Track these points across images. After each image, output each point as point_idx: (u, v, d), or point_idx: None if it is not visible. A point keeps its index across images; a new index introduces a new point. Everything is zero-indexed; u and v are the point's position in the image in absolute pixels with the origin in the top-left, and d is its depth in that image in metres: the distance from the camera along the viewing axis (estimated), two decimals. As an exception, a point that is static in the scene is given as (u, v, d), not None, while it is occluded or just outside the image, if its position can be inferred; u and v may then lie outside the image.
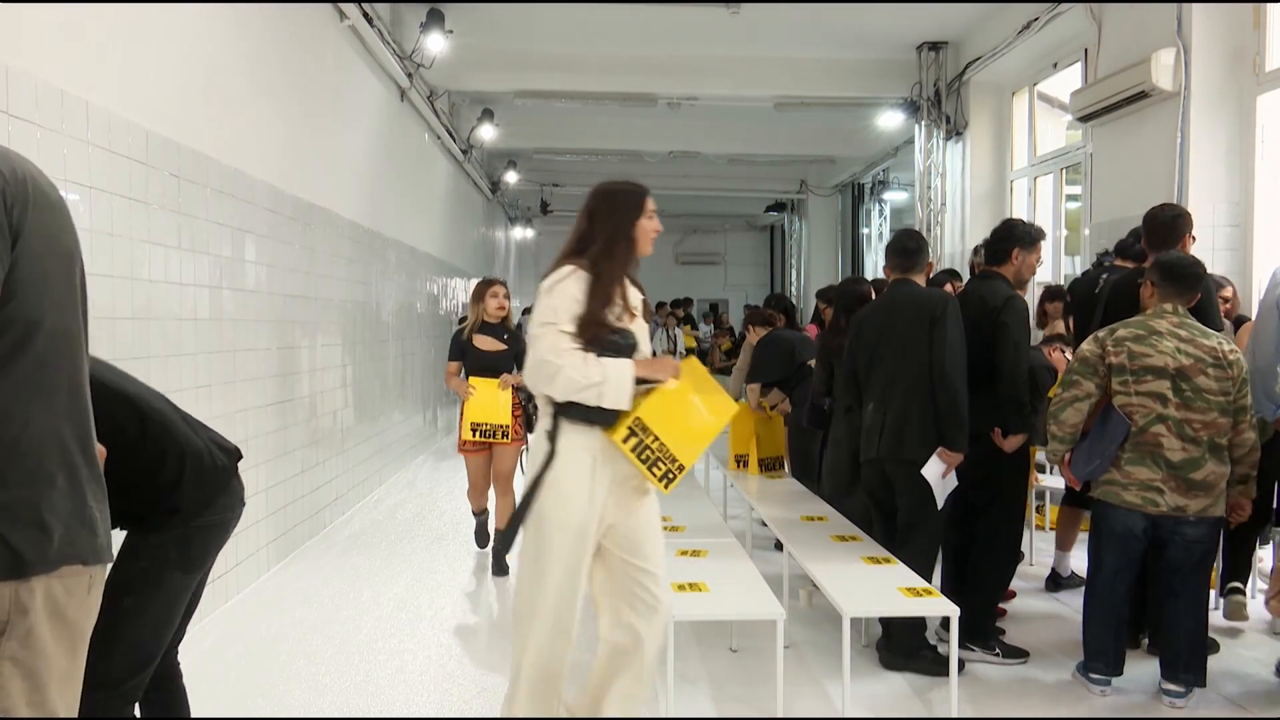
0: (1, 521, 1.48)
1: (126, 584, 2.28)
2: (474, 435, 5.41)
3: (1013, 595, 4.82)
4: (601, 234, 2.83)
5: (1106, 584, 3.69)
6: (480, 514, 5.84)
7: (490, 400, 5.38)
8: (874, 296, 5.10)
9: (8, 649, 1.48)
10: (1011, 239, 4.18)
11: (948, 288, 5.83)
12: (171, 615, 2.42)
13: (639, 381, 2.72)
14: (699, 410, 2.82)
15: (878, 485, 4.19)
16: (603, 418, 2.70)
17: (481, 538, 5.88)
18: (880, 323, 4.16)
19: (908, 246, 4.21)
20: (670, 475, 2.77)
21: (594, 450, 2.74)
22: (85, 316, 1.64)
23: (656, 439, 2.73)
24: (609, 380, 2.64)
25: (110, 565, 1.61)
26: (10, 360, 1.49)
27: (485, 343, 5.44)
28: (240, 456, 2.55)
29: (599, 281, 2.74)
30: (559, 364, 2.62)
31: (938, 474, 3.95)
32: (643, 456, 2.74)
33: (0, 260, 1.45)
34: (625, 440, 2.72)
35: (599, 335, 2.69)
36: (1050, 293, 6.08)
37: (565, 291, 2.71)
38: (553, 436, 2.73)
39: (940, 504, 4.01)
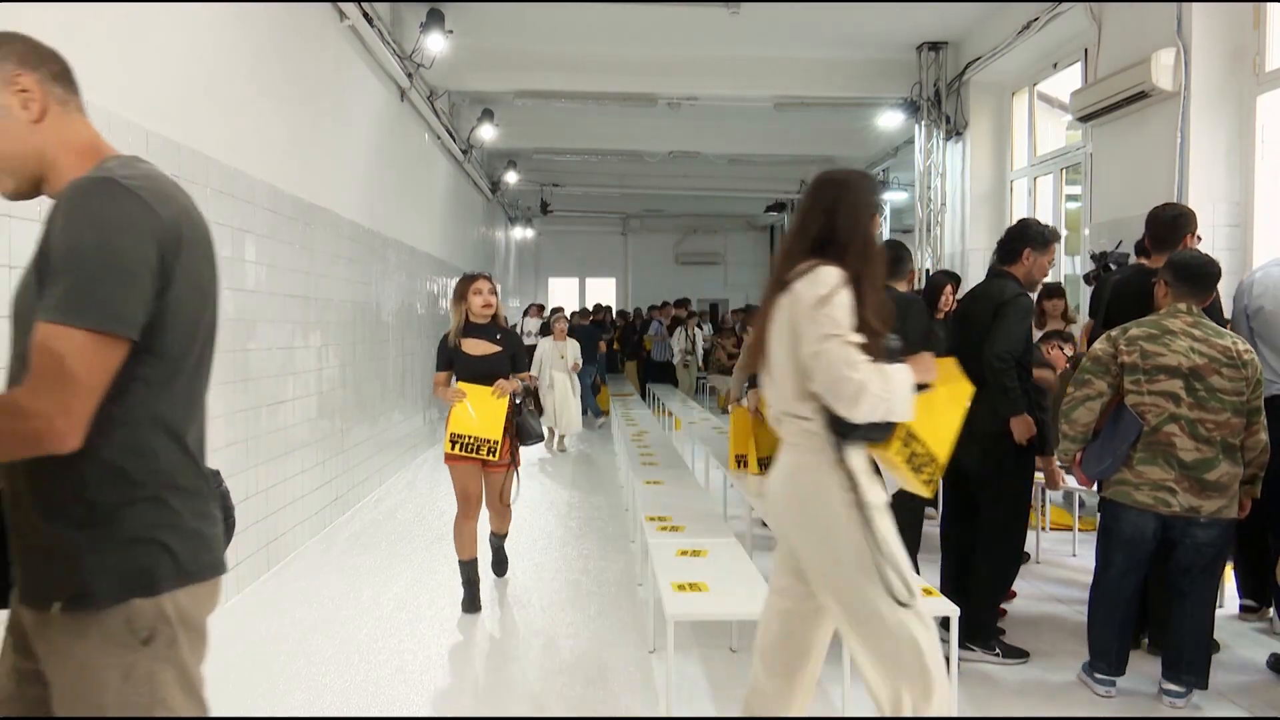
0: (169, 535, 1.59)
1: None
2: (453, 448, 4.71)
3: (1013, 595, 4.82)
4: (848, 233, 2.52)
5: (1114, 584, 3.68)
6: (468, 563, 4.78)
7: (481, 410, 4.72)
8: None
9: (159, 650, 1.58)
10: (1024, 239, 4.16)
11: (946, 290, 5.87)
12: None
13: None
14: (944, 400, 2.66)
15: None
16: (880, 433, 2.45)
17: (471, 598, 4.75)
18: None
19: (897, 256, 4.44)
20: (932, 477, 2.61)
21: (870, 469, 2.55)
22: (212, 345, 1.75)
23: (921, 442, 2.57)
24: (898, 392, 2.38)
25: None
26: (164, 386, 1.59)
27: (474, 346, 4.78)
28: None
29: (866, 285, 2.46)
30: (860, 380, 2.31)
31: None
32: (914, 464, 2.57)
33: (144, 303, 1.52)
34: (899, 451, 2.54)
35: (876, 344, 2.43)
36: (1049, 290, 6.07)
37: (842, 301, 2.38)
38: (843, 461, 2.43)
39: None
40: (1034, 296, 4.47)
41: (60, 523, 1.53)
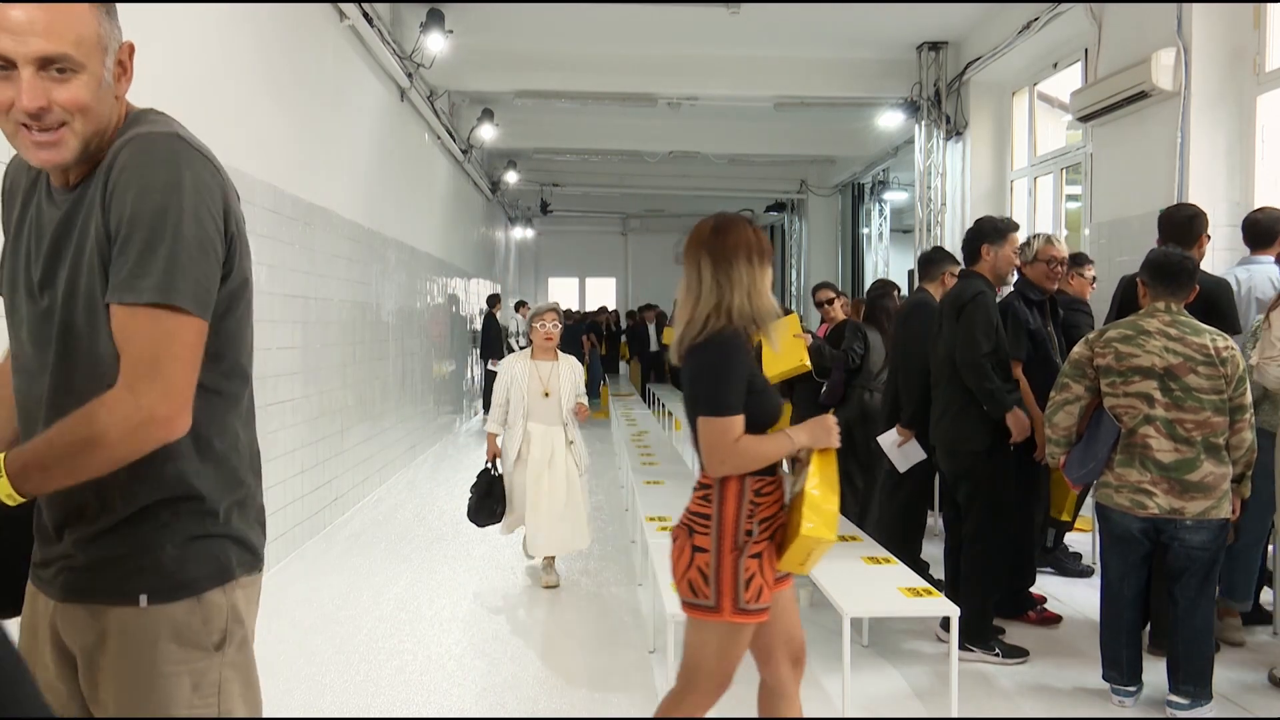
0: (239, 523, 1.56)
1: None
2: None
3: (1042, 600, 4.72)
4: None
5: (1114, 589, 3.65)
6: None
7: None
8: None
9: (229, 656, 1.54)
10: (979, 236, 4.25)
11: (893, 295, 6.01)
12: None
13: None
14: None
15: None
16: None
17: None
18: None
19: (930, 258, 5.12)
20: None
21: None
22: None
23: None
24: None
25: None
26: (226, 378, 1.56)
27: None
28: None
29: None
30: None
31: (892, 443, 4.78)
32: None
33: (214, 272, 1.46)
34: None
35: None
36: (1075, 259, 5.57)
37: None
38: None
39: (901, 470, 4.84)
40: (1039, 289, 4.51)
41: (138, 510, 1.47)
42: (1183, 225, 4.16)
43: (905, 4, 8.36)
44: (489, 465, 5.13)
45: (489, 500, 5.02)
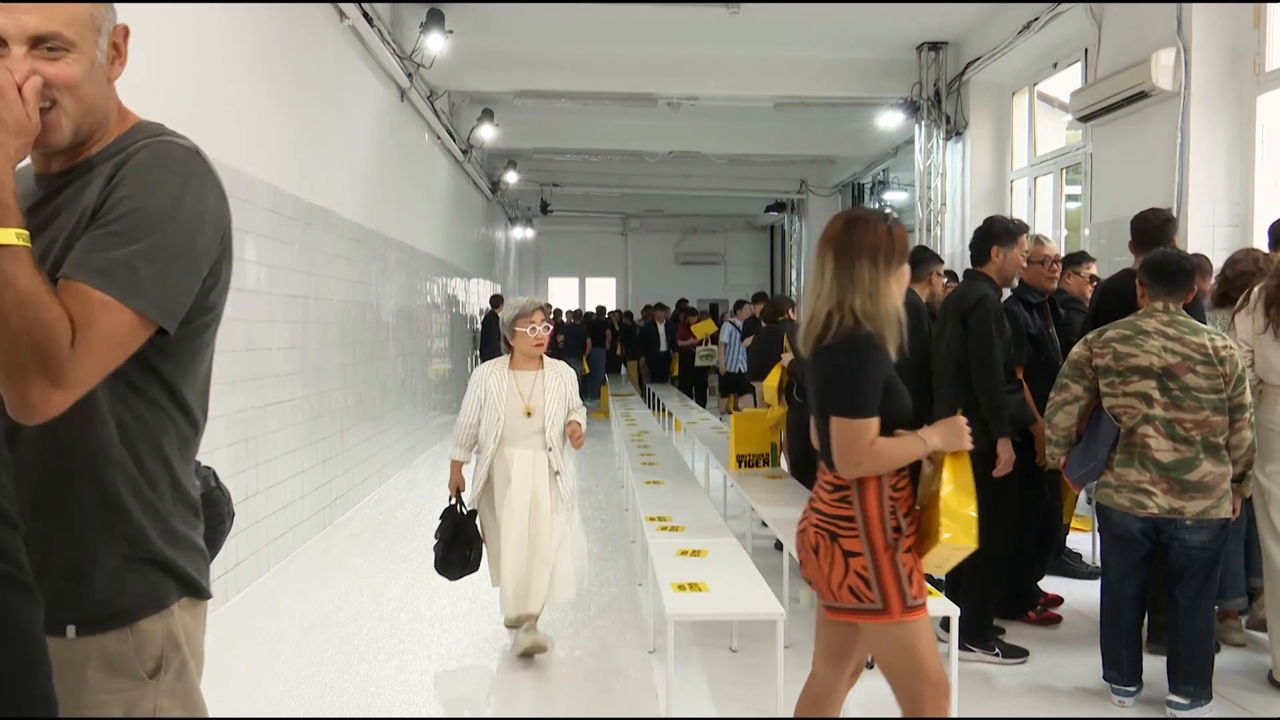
0: (174, 550, 1.51)
1: None
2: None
3: (1059, 600, 4.74)
4: None
5: (1115, 589, 3.66)
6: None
7: None
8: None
9: (165, 683, 1.50)
10: (989, 237, 4.18)
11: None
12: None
13: None
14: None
15: None
16: None
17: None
18: None
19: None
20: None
21: None
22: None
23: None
24: None
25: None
26: (171, 402, 1.51)
27: None
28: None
29: None
30: None
31: None
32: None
33: (192, 296, 1.43)
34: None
35: None
36: (1070, 259, 5.62)
37: None
38: None
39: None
40: (1041, 292, 4.51)
41: (71, 536, 1.43)
42: (1157, 230, 4.17)
43: (905, 4, 8.36)
44: (453, 501, 4.14)
45: (459, 546, 4.07)
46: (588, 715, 3.57)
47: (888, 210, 2.50)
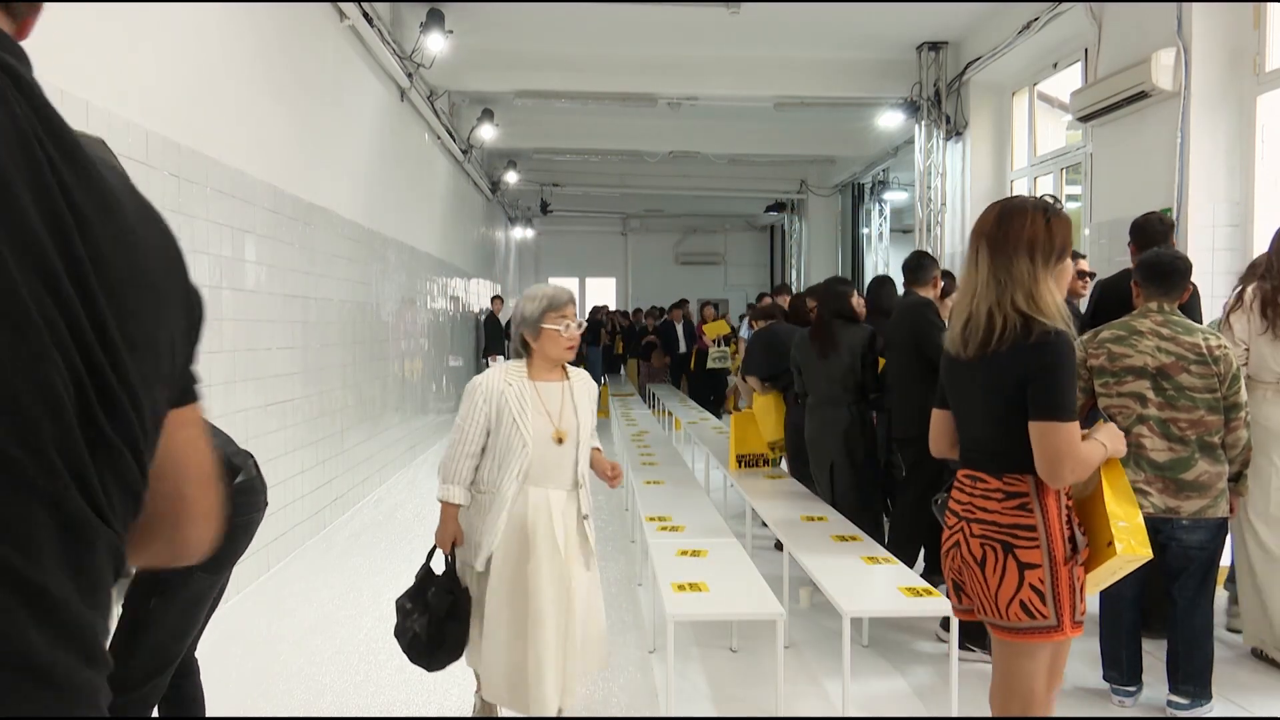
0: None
1: (152, 586, 2.24)
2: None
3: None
4: None
5: (1114, 589, 3.63)
6: None
7: None
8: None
9: None
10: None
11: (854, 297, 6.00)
12: (195, 617, 2.38)
13: None
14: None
15: None
16: None
17: None
18: None
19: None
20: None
21: None
22: None
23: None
24: None
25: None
26: None
27: None
28: (251, 458, 2.54)
29: None
30: None
31: None
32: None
33: None
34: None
35: None
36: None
37: None
38: None
39: None
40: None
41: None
42: (1157, 235, 4.19)
43: (905, 4, 8.37)
44: (447, 558, 3.06)
45: (454, 624, 2.98)
46: (588, 715, 3.57)
47: (1046, 197, 2.37)
